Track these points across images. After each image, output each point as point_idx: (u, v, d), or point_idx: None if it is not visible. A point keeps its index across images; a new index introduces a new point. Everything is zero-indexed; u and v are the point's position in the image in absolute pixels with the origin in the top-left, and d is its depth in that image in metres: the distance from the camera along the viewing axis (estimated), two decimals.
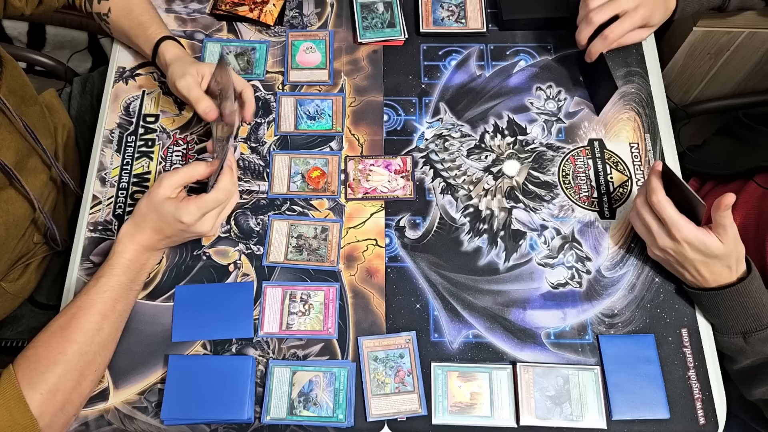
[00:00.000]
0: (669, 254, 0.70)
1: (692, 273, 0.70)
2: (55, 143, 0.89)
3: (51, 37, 1.49)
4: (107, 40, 1.49)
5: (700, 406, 0.71)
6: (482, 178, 0.83)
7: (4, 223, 0.75)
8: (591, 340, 0.74)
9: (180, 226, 0.68)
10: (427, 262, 0.78)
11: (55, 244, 0.86)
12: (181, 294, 0.76)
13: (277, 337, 0.74)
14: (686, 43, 1.03)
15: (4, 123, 0.76)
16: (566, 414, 0.70)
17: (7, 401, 0.59)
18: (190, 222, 0.67)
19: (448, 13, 0.93)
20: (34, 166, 0.82)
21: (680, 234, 0.66)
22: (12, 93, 0.78)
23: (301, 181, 0.83)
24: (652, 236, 0.70)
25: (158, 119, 0.87)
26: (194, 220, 0.67)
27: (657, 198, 0.68)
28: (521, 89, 0.89)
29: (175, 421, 0.70)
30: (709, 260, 0.67)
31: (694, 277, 0.70)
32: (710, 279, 0.69)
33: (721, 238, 0.65)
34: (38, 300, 0.93)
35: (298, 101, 0.88)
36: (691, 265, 0.69)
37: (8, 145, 0.76)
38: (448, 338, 0.75)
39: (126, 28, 0.86)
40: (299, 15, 0.95)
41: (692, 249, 0.67)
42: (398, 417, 0.71)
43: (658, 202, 0.68)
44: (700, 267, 0.68)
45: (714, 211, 0.65)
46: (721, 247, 0.66)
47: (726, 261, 0.67)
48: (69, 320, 0.65)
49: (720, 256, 0.66)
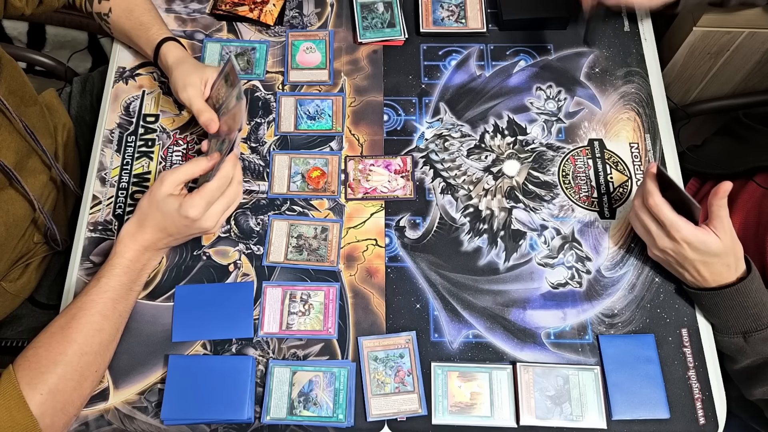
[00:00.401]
0: (669, 255, 0.70)
1: (692, 273, 0.70)
2: (55, 143, 0.89)
3: (51, 37, 1.49)
4: (107, 40, 1.49)
5: (700, 406, 0.71)
6: (482, 178, 0.83)
7: (5, 223, 0.75)
8: (591, 340, 0.74)
9: (185, 221, 0.67)
10: (427, 262, 0.78)
11: (56, 244, 0.86)
12: (181, 294, 0.76)
13: (277, 337, 0.74)
14: (686, 43, 1.03)
15: (4, 124, 0.76)
16: (566, 414, 0.70)
17: (7, 401, 0.59)
18: (196, 216, 0.66)
19: (448, 13, 0.93)
20: (34, 167, 0.82)
21: (679, 234, 0.67)
22: (12, 93, 0.78)
23: (301, 181, 0.83)
24: (652, 237, 0.71)
25: (158, 119, 0.87)
26: (200, 213, 0.66)
27: (654, 201, 0.68)
28: (521, 89, 0.89)
29: (175, 421, 0.70)
30: (709, 259, 0.67)
31: (694, 277, 0.70)
32: (710, 279, 0.69)
33: (718, 233, 0.66)
34: (38, 300, 0.93)
35: (298, 101, 0.88)
36: (690, 265, 0.69)
37: (8, 146, 0.76)
38: (448, 338, 0.75)
39: (127, 28, 0.86)
40: (299, 15, 0.95)
41: (692, 249, 0.67)
42: (398, 417, 0.71)
43: (655, 205, 0.68)
44: (699, 267, 0.69)
45: (711, 198, 0.65)
46: (720, 244, 0.66)
47: (725, 259, 0.67)
48: (69, 321, 0.65)
49: (719, 253, 0.66)
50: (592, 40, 0.90)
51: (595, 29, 0.89)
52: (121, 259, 0.69)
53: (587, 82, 0.89)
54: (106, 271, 0.68)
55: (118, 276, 0.68)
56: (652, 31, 0.94)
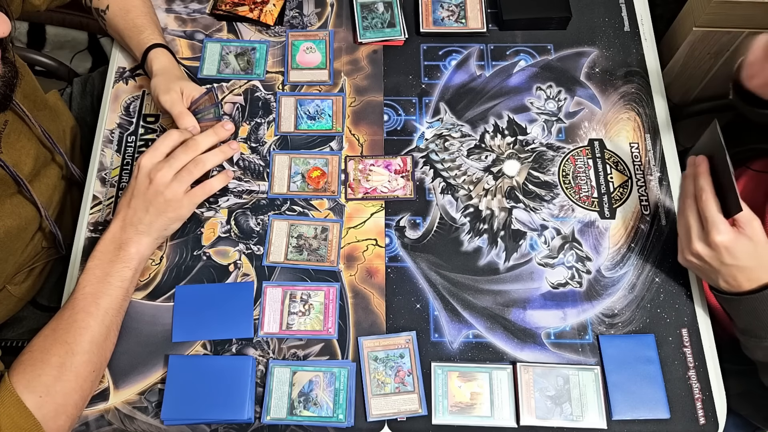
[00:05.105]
0: (705, 261, 0.66)
1: (728, 280, 0.66)
2: (65, 146, 0.89)
3: (51, 37, 1.49)
4: (107, 40, 1.50)
5: (700, 406, 0.71)
6: (482, 178, 0.84)
7: (15, 227, 0.74)
8: (591, 340, 0.74)
9: (144, 181, 0.69)
10: (427, 262, 0.78)
11: (61, 248, 0.85)
12: (181, 294, 0.76)
13: (277, 337, 0.74)
14: (686, 43, 1.03)
15: (24, 130, 0.75)
16: (566, 414, 0.70)
17: (8, 408, 0.59)
18: (146, 164, 0.69)
19: (448, 13, 0.93)
20: (49, 172, 0.82)
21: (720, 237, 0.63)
22: (26, 98, 0.77)
23: (301, 181, 0.83)
24: (690, 238, 0.67)
25: (158, 119, 0.87)
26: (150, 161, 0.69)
27: (706, 196, 0.65)
28: (521, 89, 0.89)
29: (176, 421, 0.70)
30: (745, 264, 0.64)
31: (729, 283, 0.66)
32: (746, 284, 0.65)
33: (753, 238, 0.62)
34: (40, 302, 0.93)
35: (298, 101, 0.88)
36: (727, 272, 0.65)
37: (27, 152, 0.76)
38: (448, 338, 0.75)
39: (120, 28, 0.86)
40: (299, 15, 0.95)
41: (729, 255, 0.63)
42: (398, 417, 0.71)
43: (707, 200, 0.64)
44: (736, 273, 0.65)
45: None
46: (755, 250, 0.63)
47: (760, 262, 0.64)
48: (59, 322, 0.65)
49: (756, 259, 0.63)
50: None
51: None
52: (93, 252, 0.69)
53: (587, 82, 0.89)
54: (84, 268, 0.68)
55: (92, 269, 0.68)
56: (652, 31, 0.94)
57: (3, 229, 0.72)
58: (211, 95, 0.78)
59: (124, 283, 0.69)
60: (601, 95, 0.89)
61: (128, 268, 0.69)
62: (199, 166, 0.70)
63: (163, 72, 0.81)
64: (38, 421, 0.60)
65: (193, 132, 0.75)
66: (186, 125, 0.75)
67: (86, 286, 0.67)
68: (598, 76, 0.90)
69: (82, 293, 0.67)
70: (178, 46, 0.92)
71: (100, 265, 0.68)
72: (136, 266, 0.70)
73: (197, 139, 0.71)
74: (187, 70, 0.90)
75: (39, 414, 0.60)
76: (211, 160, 0.71)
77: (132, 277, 0.70)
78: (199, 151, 0.71)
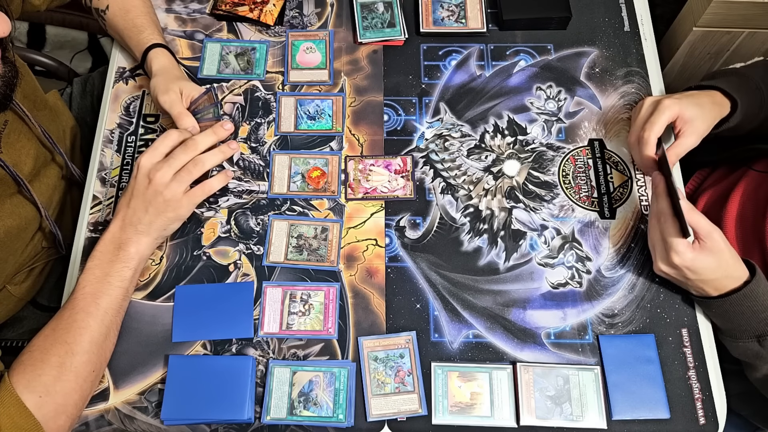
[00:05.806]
0: (670, 276, 0.72)
1: (696, 290, 0.71)
2: (65, 146, 0.89)
3: (51, 37, 1.49)
4: (107, 40, 1.50)
5: (700, 406, 0.71)
6: (482, 178, 0.83)
7: (15, 227, 0.74)
8: (591, 340, 0.74)
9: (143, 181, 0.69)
10: (427, 262, 0.78)
11: (61, 248, 0.86)
12: (181, 294, 0.76)
13: (277, 337, 0.74)
14: (686, 43, 1.03)
15: (24, 130, 0.75)
16: (566, 414, 0.70)
17: (8, 409, 0.59)
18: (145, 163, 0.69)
19: (448, 13, 0.93)
20: (49, 172, 0.82)
21: (678, 259, 0.67)
22: (26, 98, 0.77)
23: (301, 181, 0.83)
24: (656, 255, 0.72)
25: (158, 119, 0.88)
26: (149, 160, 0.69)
27: (664, 218, 0.69)
28: (521, 89, 0.89)
29: (175, 421, 0.70)
30: (708, 277, 0.68)
31: (699, 292, 0.71)
32: (714, 292, 0.69)
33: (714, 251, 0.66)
34: (40, 302, 0.93)
35: (298, 101, 0.88)
36: (693, 284, 0.70)
37: (27, 152, 0.76)
38: (448, 338, 0.75)
39: (120, 27, 0.86)
40: (299, 15, 0.95)
41: (691, 272, 0.68)
42: (398, 417, 0.71)
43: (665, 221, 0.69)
44: (701, 285, 0.69)
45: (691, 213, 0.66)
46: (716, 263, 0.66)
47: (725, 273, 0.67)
48: (58, 322, 0.65)
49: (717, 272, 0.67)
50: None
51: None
52: (93, 252, 0.69)
53: (587, 82, 0.89)
54: (84, 269, 0.68)
55: (91, 269, 0.68)
56: (652, 31, 0.94)
57: (3, 229, 0.72)
58: (211, 95, 0.78)
59: (124, 282, 0.69)
60: (601, 95, 0.89)
61: (128, 268, 0.69)
62: (198, 166, 0.70)
63: (163, 72, 0.81)
64: (38, 421, 0.60)
65: (192, 132, 0.75)
66: (185, 125, 0.75)
67: (86, 286, 0.67)
68: (598, 76, 0.90)
69: (82, 293, 0.67)
70: (178, 46, 0.92)
71: (99, 265, 0.68)
72: (135, 266, 0.70)
73: (196, 139, 0.71)
74: (187, 70, 0.90)
75: (39, 414, 0.60)
76: (210, 160, 0.71)
77: (132, 277, 0.70)
78: (198, 151, 0.71)
